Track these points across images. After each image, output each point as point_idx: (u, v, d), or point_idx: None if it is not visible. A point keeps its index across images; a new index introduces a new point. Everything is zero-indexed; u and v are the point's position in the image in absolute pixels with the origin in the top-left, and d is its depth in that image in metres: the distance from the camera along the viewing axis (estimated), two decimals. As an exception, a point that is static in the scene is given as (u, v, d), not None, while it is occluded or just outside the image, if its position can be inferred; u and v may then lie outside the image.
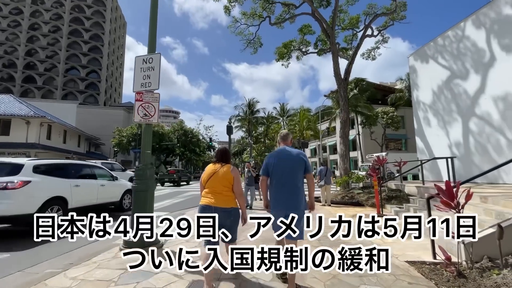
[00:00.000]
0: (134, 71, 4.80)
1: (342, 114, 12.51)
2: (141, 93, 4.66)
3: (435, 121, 10.87)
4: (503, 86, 8.14)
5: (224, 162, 2.91)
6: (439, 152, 10.49)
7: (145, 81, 4.69)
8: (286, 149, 2.90)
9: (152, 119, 4.62)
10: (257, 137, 54.92)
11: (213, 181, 2.78)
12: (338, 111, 36.38)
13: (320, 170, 9.12)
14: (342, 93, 12.66)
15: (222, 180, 2.77)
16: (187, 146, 44.47)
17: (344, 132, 12.33)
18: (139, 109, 4.60)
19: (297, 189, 2.75)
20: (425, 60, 11.41)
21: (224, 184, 2.77)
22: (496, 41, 8.35)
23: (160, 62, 4.72)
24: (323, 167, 9.16)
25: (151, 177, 4.51)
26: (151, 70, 4.70)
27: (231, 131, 9.89)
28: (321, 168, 9.15)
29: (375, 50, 17.59)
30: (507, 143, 8.02)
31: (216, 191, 2.75)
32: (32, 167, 5.29)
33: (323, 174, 8.97)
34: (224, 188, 2.76)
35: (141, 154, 4.60)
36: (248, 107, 46.94)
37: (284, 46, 17.03)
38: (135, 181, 4.41)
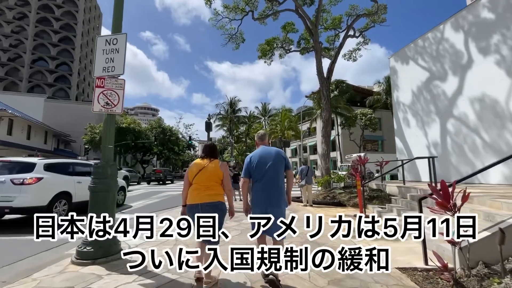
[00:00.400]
0: (95, 53, 4.15)
1: (324, 113, 12.38)
2: (102, 79, 4.02)
3: (414, 122, 11.02)
4: (479, 87, 8.31)
5: (212, 157, 2.89)
6: (417, 153, 10.62)
7: (108, 65, 4.06)
8: (266, 149, 2.96)
9: (115, 109, 4.00)
10: (238, 137, 54.34)
11: (202, 176, 2.76)
12: (319, 112, 36.80)
13: (301, 169, 8.84)
14: (324, 92, 12.53)
15: (211, 175, 2.77)
16: (165, 145, 42.95)
17: (326, 132, 12.19)
18: (99, 97, 3.96)
19: (279, 187, 2.81)
20: (406, 61, 11.54)
21: (214, 180, 2.77)
22: (474, 44, 8.52)
23: (126, 43, 4.10)
24: (305, 166, 8.89)
25: (113, 175, 3.90)
26: (115, 53, 4.07)
27: (210, 127, 9.33)
28: (302, 168, 8.87)
29: (356, 51, 17.81)
30: (483, 144, 8.20)
31: (204, 186, 2.73)
32: (43, 166, 5.96)
33: (304, 174, 8.69)
34: (213, 183, 2.77)
35: (102, 150, 3.97)
36: (229, 105, 46.24)
37: (267, 43, 16.69)
38: (93, 180, 3.78)
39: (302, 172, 8.73)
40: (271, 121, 43.93)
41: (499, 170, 7.63)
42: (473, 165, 8.42)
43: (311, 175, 8.79)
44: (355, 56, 18.24)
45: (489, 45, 8.04)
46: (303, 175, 8.67)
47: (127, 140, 33.92)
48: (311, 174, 8.79)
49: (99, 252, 3.46)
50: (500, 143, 7.68)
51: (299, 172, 8.84)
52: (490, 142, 7.97)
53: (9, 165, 5.92)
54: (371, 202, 8.34)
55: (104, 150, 3.93)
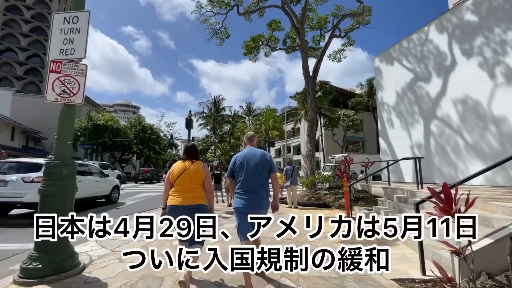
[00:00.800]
0: (51, 33, 3.53)
1: (309, 112, 12.15)
2: (59, 63, 3.41)
3: (398, 123, 11.05)
4: (462, 89, 8.37)
5: (193, 159, 2.86)
6: (401, 153, 10.65)
7: (66, 46, 3.46)
8: (253, 150, 2.94)
9: (74, 98, 3.41)
10: (222, 136, 53.56)
11: (184, 178, 2.74)
12: (303, 112, 36.97)
13: (286, 169, 8.50)
14: (310, 91, 12.31)
15: (193, 177, 2.75)
16: (145, 143, 41.39)
17: (312, 131, 11.97)
18: (54, 84, 3.36)
19: (262, 189, 2.79)
20: (390, 62, 11.57)
21: (196, 181, 2.76)
22: (457, 46, 8.59)
23: (88, 23, 3.52)
24: (289, 166, 8.56)
25: (70, 176, 3.32)
26: (76, 33, 3.48)
27: (191, 125, 8.78)
28: (287, 168, 8.54)
29: (341, 52, 17.88)
30: (465, 145, 8.26)
31: (186, 188, 2.71)
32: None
33: (289, 174, 8.36)
34: (196, 185, 2.75)
35: (57, 146, 3.37)
36: (213, 104, 45.36)
37: (252, 40, 16.29)
38: (44, 181, 3.19)
39: (287, 173, 8.40)
40: (256, 121, 43.64)
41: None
42: (456, 166, 8.49)
43: (296, 175, 8.48)
44: (339, 57, 18.31)
45: (472, 47, 8.11)
46: (288, 175, 8.34)
47: (104, 138, 32.24)
48: (296, 175, 8.48)
49: (48, 268, 2.89)
50: (482, 144, 7.75)
51: (284, 172, 8.50)
52: (473, 143, 8.03)
53: (19, 165, 6.63)
54: (357, 204, 8.17)
55: (59, 147, 3.33)
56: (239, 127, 43.73)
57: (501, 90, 7.33)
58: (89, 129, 31.31)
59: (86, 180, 7.89)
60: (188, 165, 2.79)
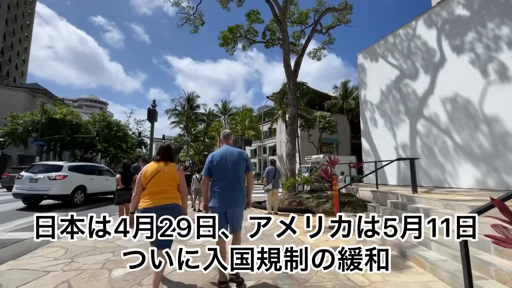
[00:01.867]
0: None
1: (290, 108, 11.24)
2: None
3: (382, 122, 10.53)
4: (452, 87, 7.94)
5: (168, 160, 2.73)
6: (385, 154, 10.12)
7: None
8: (230, 148, 2.93)
9: None
10: (196, 135, 51.44)
11: (157, 180, 2.60)
12: (280, 112, 36.43)
13: (268, 170, 7.43)
14: (291, 86, 11.41)
15: (167, 179, 2.63)
16: (111, 141, 38.18)
17: (292, 129, 11.07)
18: None
19: (239, 187, 2.81)
20: (375, 58, 11.05)
21: (169, 183, 2.64)
22: (447, 42, 8.16)
23: None
24: (272, 167, 7.50)
25: None
26: None
27: (154, 116, 7.34)
28: (269, 169, 7.47)
29: (321, 50, 17.44)
30: (454, 146, 7.82)
31: (159, 191, 2.58)
32: (67, 167, 8.83)
33: (271, 176, 7.31)
34: (169, 187, 2.64)
35: None
36: (187, 101, 43.19)
37: (229, 30, 15.10)
38: None
39: (269, 174, 7.32)
40: (231, 120, 42.27)
41: (472, 174, 7.26)
42: (443, 168, 8.02)
43: (278, 177, 7.44)
44: (319, 55, 17.86)
45: (463, 43, 7.69)
46: (270, 177, 7.28)
47: (62, 134, 28.91)
48: (278, 177, 7.45)
49: None
50: (473, 145, 7.32)
51: (265, 173, 7.41)
52: (462, 144, 7.59)
53: (45, 166, 8.86)
54: (343, 209, 7.32)
55: None
56: (214, 126, 42.12)
57: (493, 88, 6.93)
58: (44, 123, 27.83)
59: (97, 179, 9.91)
60: (161, 167, 2.66)
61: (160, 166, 2.65)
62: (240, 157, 2.85)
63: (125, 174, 5.94)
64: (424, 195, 5.64)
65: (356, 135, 45.18)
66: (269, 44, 16.20)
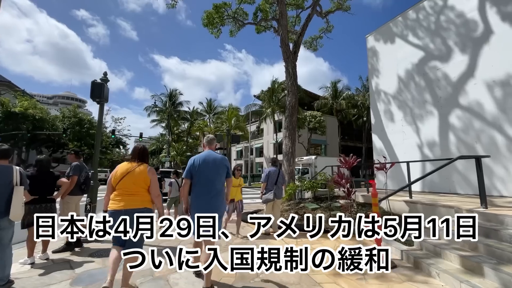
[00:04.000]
0: None
1: (289, 97, 9.18)
2: None
3: (401, 115, 8.67)
4: (503, 67, 6.16)
5: (140, 161, 2.69)
6: (405, 153, 8.27)
7: None
8: (212, 154, 2.99)
9: None
10: (178, 135, 48.37)
11: (127, 181, 2.54)
12: (269, 111, 34.46)
13: (268, 173, 5.18)
14: (290, 69, 9.36)
15: (137, 180, 2.56)
16: (83, 140, 34.61)
17: (291, 122, 9.02)
18: None
19: (219, 192, 2.90)
20: (390, 39, 9.22)
21: (140, 185, 2.57)
22: (495, 9, 6.39)
23: None
24: (273, 169, 5.27)
25: None
26: None
27: (101, 93, 4.98)
28: (270, 171, 5.23)
29: (318, 39, 15.74)
30: (506, 142, 6.03)
31: (128, 193, 2.53)
32: None
33: (273, 182, 5.13)
34: (140, 189, 2.57)
35: None
36: (169, 98, 40.21)
37: (214, 8, 12.89)
38: None
39: (270, 178, 5.12)
40: (217, 119, 39.73)
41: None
42: (490, 171, 6.20)
43: (282, 183, 5.28)
44: (315, 45, 16.19)
45: (519, 9, 5.93)
46: (271, 183, 5.09)
47: (22, 129, 25.34)
48: (282, 183, 5.28)
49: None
50: (537, 141, 5.53)
51: (264, 177, 5.16)
52: (520, 140, 5.80)
53: None
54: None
55: None
56: (198, 125, 39.40)
57: None
58: (1, 116, 24.27)
59: None
60: (133, 167, 2.61)
61: (132, 166, 2.62)
62: (222, 164, 2.94)
63: (38, 178, 3.60)
64: (506, 212, 3.72)
65: (344, 137, 44.05)
66: (260, 28, 14.17)
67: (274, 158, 5.53)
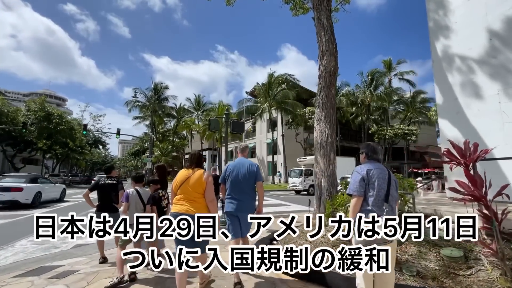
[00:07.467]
0: None
1: (325, 61, 6.08)
2: None
3: (496, 87, 5.75)
4: None
5: (197, 166, 2.89)
6: (505, 144, 5.35)
7: None
8: (242, 160, 3.35)
9: None
10: (164, 134, 44.34)
11: (186, 187, 2.74)
12: (264, 106, 31.34)
13: (366, 174, 1.97)
14: (324, 20, 6.26)
15: (194, 186, 2.73)
16: (53, 137, 30.19)
17: (329, 97, 5.91)
18: None
19: (249, 195, 3.19)
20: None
21: (197, 191, 2.74)
22: None
23: None
24: (376, 166, 2.03)
25: None
26: None
27: None
28: (371, 169, 1.99)
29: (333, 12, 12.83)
30: None
31: (189, 198, 2.71)
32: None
33: (380, 195, 1.94)
34: (197, 194, 2.73)
35: None
36: (153, 91, 36.25)
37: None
38: None
39: (369, 185, 1.90)
40: (206, 116, 36.17)
41: None
42: None
43: (395, 201, 2.10)
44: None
45: None
46: (378, 198, 1.89)
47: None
48: (396, 199, 2.10)
49: None
50: None
51: (358, 184, 1.88)
52: None
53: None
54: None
55: None
56: (185, 122, 35.66)
57: None
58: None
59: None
60: (190, 174, 2.80)
61: (190, 173, 2.81)
62: (251, 169, 3.23)
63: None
64: None
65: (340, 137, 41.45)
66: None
67: (371, 144, 2.32)
